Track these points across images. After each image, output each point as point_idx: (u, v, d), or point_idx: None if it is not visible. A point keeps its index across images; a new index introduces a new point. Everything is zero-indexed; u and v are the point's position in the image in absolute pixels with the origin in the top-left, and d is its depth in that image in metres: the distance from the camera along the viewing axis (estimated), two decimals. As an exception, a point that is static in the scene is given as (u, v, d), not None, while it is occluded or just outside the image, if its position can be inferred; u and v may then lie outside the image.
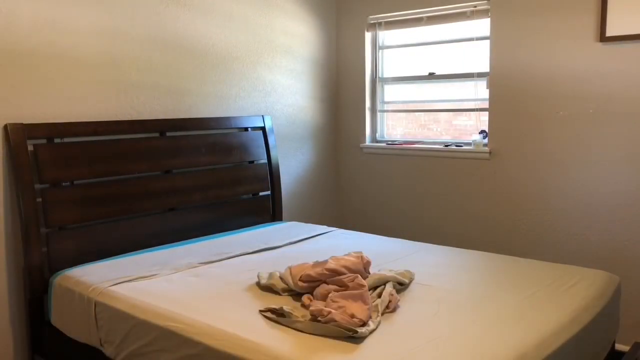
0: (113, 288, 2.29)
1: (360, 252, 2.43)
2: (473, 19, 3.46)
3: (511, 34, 3.26)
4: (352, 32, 4.01)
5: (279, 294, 2.21)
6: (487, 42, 3.38)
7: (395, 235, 3.27)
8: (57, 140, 2.62)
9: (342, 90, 4.12)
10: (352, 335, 1.79)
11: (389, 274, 2.27)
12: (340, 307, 1.92)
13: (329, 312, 1.88)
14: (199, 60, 3.20)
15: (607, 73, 2.96)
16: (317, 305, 1.97)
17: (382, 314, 1.99)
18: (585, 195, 3.09)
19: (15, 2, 2.45)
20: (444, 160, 3.63)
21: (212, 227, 3.19)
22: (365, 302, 1.97)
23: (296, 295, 2.19)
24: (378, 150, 3.96)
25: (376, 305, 2.01)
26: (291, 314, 1.95)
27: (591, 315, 2.09)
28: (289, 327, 1.91)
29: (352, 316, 1.86)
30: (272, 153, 3.55)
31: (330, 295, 2.03)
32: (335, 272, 2.16)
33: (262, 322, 1.97)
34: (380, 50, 4.02)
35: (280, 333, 1.89)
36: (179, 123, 3.07)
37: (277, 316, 1.96)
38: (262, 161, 3.51)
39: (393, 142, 3.95)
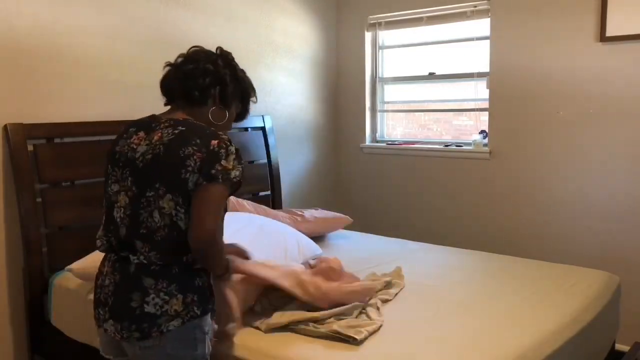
0: (113, 288, 2.28)
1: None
2: (473, 19, 3.45)
3: (511, 34, 3.26)
4: (352, 32, 4.01)
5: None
6: (487, 42, 3.38)
7: (395, 235, 3.26)
8: (57, 140, 2.62)
9: (342, 90, 4.11)
10: (351, 342, 1.80)
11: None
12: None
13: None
14: (199, 60, 3.19)
15: (607, 73, 2.96)
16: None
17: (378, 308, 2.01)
18: (585, 195, 3.09)
19: (15, 2, 2.45)
20: (444, 160, 3.62)
21: (212, 227, 3.18)
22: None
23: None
24: (378, 150, 3.95)
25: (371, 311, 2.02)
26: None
27: (591, 315, 2.10)
28: (289, 330, 1.91)
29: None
30: (272, 153, 3.54)
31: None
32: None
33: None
34: (380, 50, 4.01)
35: (280, 334, 1.89)
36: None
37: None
38: (262, 161, 3.51)
39: (393, 142, 3.94)
